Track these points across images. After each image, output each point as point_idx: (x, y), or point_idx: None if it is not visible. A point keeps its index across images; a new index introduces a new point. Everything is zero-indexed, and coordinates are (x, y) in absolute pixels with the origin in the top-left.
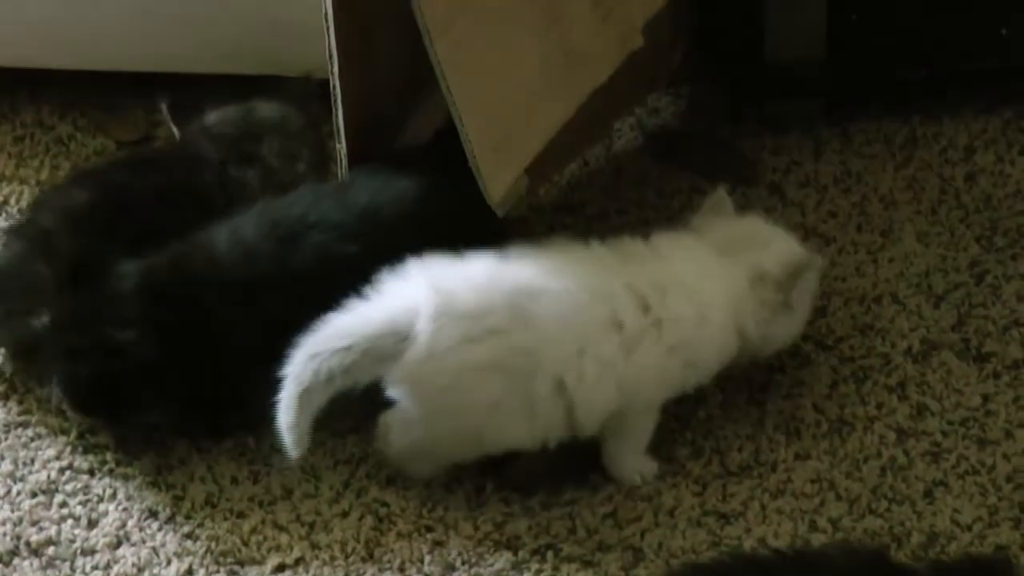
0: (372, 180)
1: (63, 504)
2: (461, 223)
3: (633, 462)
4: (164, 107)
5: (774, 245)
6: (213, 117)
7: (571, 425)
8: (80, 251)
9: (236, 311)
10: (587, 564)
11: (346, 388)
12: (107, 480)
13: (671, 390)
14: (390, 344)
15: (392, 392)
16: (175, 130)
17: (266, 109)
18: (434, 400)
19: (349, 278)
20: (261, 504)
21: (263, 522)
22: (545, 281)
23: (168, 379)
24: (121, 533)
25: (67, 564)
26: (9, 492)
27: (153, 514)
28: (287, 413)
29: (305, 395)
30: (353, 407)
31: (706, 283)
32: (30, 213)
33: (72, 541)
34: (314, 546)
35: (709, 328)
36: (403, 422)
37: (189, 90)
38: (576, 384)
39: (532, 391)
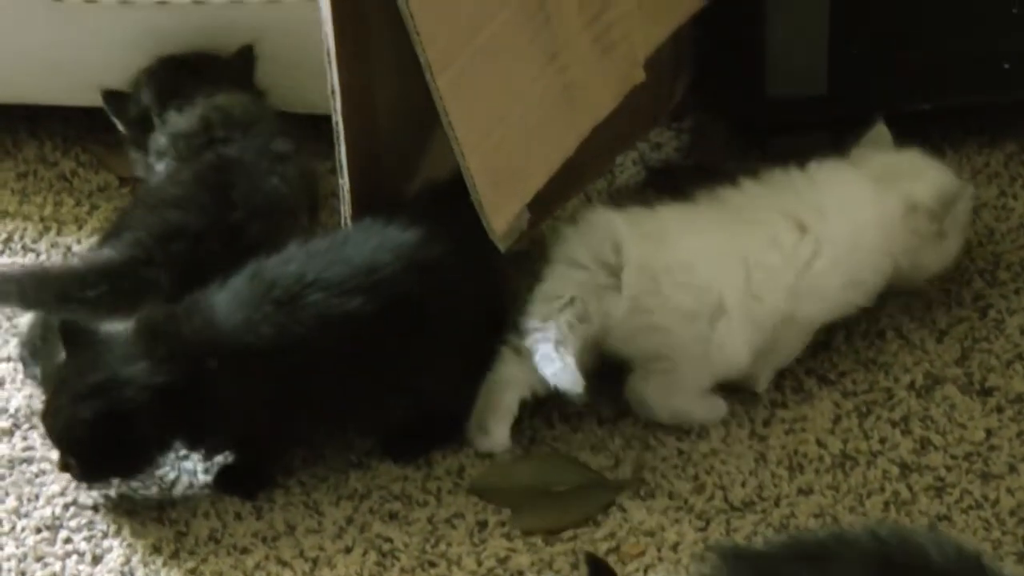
0: (368, 235)
1: (67, 540)
2: (462, 264)
3: (767, 377)
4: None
5: (927, 176)
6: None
7: (758, 331)
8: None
9: (237, 378)
10: None
11: (591, 334)
12: (111, 516)
13: (831, 311)
14: (606, 277)
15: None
16: (118, 124)
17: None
18: (652, 319)
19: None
20: (264, 540)
21: (266, 558)
22: (708, 215)
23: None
24: (126, 569)
25: None
26: (14, 528)
27: (157, 550)
28: (550, 365)
29: (560, 346)
30: (354, 443)
31: (859, 207)
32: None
33: None
34: None
35: (863, 250)
36: (650, 380)
37: None
38: (740, 303)
39: (714, 305)
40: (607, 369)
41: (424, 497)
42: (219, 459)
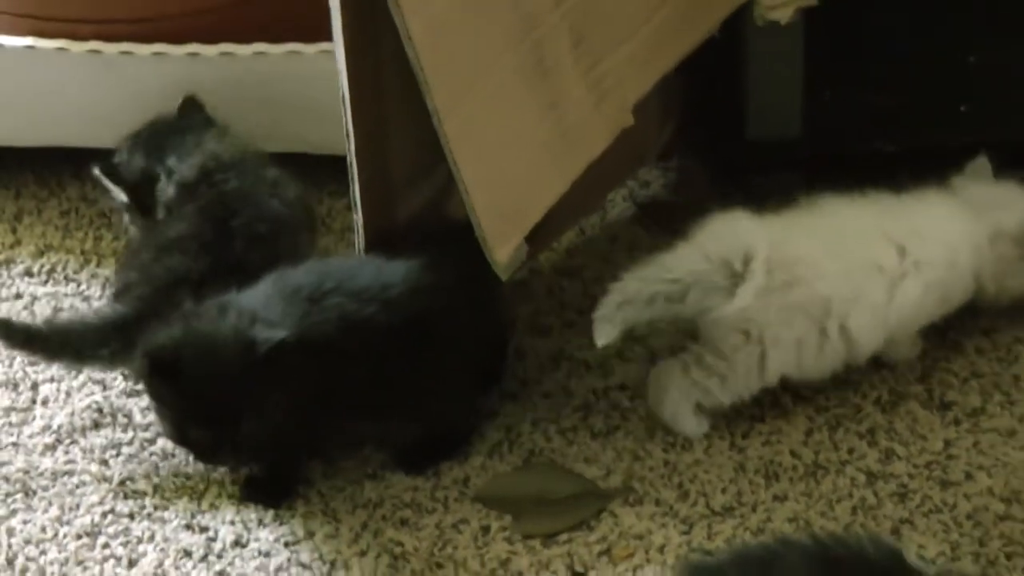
0: (382, 259)
1: (105, 545)
2: (467, 291)
3: (913, 347)
4: (96, 171)
5: (1017, 206)
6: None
7: (849, 358)
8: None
9: (272, 370)
10: None
11: (664, 316)
12: (146, 523)
13: (926, 321)
14: (722, 279)
15: (716, 328)
16: (114, 189)
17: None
18: (757, 331)
19: (367, 338)
20: (286, 544)
21: (288, 560)
22: (831, 235)
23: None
24: (159, 572)
25: None
26: (56, 535)
27: (188, 554)
28: (603, 309)
29: (624, 304)
30: (369, 456)
31: (952, 231)
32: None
33: None
34: None
35: (956, 269)
36: (696, 372)
37: None
38: (856, 327)
39: (824, 331)
40: (600, 388)
41: (432, 505)
42: (244, 471)
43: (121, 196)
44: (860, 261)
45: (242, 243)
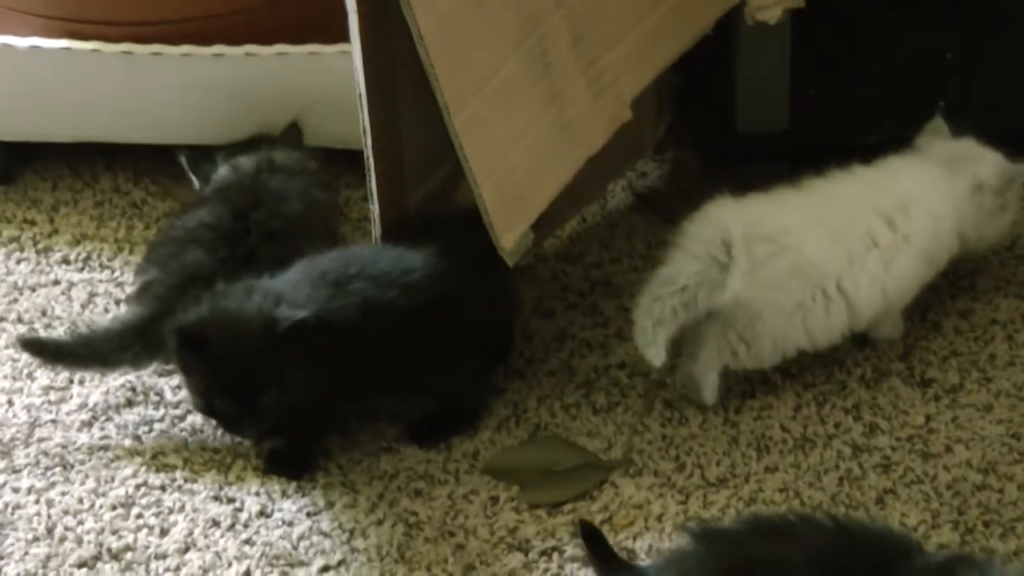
0: (399, 248)
1: (139, 516)
2: (477, 275)
3: (896, 327)
4: (182, 159)
5: (987, 158)
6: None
7: (852, 322)
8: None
9: (299, 347)
10: (588, 564)
11: (692, 318)
12: (176, 495)
13: (920, 284)
14: (716, 273)
15: (722, 312)
16: (194, 179)
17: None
18: (756, 304)
19: (387, 322)
20: (308, 514)
21: (310, 529)
22: (814, 207)
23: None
24: (189, 540)
25: (143, 567)
26: (93, 506)
27: (216, 523)
28: (643, 336)
29: (657, 325)
30: (385, 431)
31: (936, 197)
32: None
33: (147, 547)
34: (354, 550)
35: (941, 234)
36: (720, 341)
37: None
38: (852, 288)
39: (823, 293)
40: (601, 366)
41: (444, 477)
42: (269, 445)
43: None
44: (850, 229)
45: (257, 237)
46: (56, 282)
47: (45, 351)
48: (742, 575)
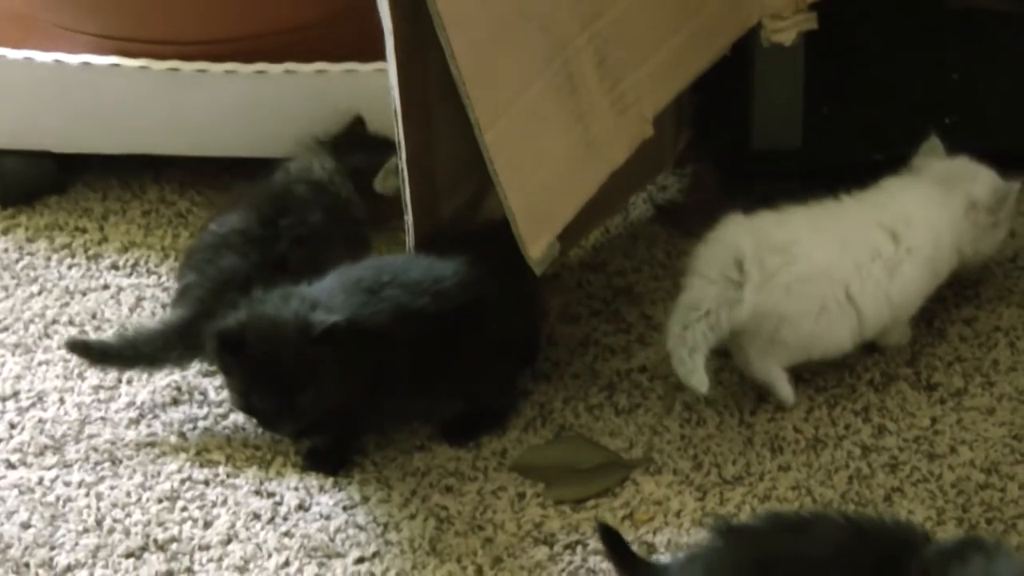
0: (432, 256)
1: (183, 509)
2: (506, 283)
3: (904, 335)
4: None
5: (981, 177)
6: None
7: (861, 329)
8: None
9: (335, 352)
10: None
11: (721, 337)
12: (219, 489)
13: (924, 295)
14: (732, 292)
15: (747, 324)
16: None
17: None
18: (776, 313)
19: (420, 327)
20: (344, 508)
21: (346, 523)
22: (821, 220)
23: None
24: (231, 532)
25: (187, 557)
26: (140, 499)
27: (257, 516)
28: (683, 366)
29: (694, 353)
30: (418, 430)
31: (935, 212)
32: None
33: (191, 539)
34: (388, 542)
35: (941, 247)
36: (756, 346)
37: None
38: (860, 294)
39: (835, 299)
40: (624, 370)
41: (474, 473)
42: (307, 442)
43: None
44: (856, 241)
45: (287, 243)
46: (106, 287)
47: (91, 353)
48: (762, 570)
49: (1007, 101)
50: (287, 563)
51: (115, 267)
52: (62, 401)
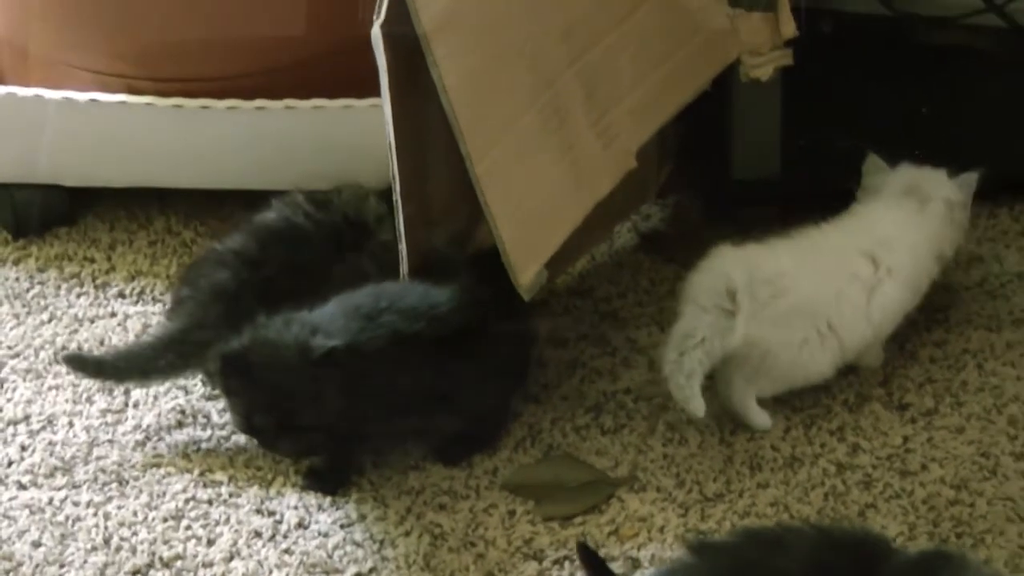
0: (427, 283)
1: (188, 527)
2: (497, 309)
3: (878, 357)
4: None
5: (940, 177)
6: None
7: (843, 355)
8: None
9: (334, 375)
10: None
11: (714, 361)
12: (222, 508)
13: (904, 312)
14: (724, 320)
15: (735, 350)
16: None
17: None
18: (766, 342)
19: (415, 351)
20: (342, 526)
21: (344, 540)
22: (806, 252)
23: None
24: (233, 549)
25: (191, 574)
26: (146, 518)
27: (258, 534)
28: (681, 392)
29: (691, 379)
30: (412, 450)
31: (913, 232)
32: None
33: (195, 556)
34: (384, 558)
35: (921, 261)
36: (742, 374)
37: None
38: (839, 322)
39: (817, 329)
40: (609, 391)
41: (466, 492)
42: (307, 463)
43: None
44: (837, 270)
45: (274, 268)
46: (113, 314)
47: (87, 366)
48: None
49: (974, 134)
50: None
51: (122, 295)
52: (71, 424)
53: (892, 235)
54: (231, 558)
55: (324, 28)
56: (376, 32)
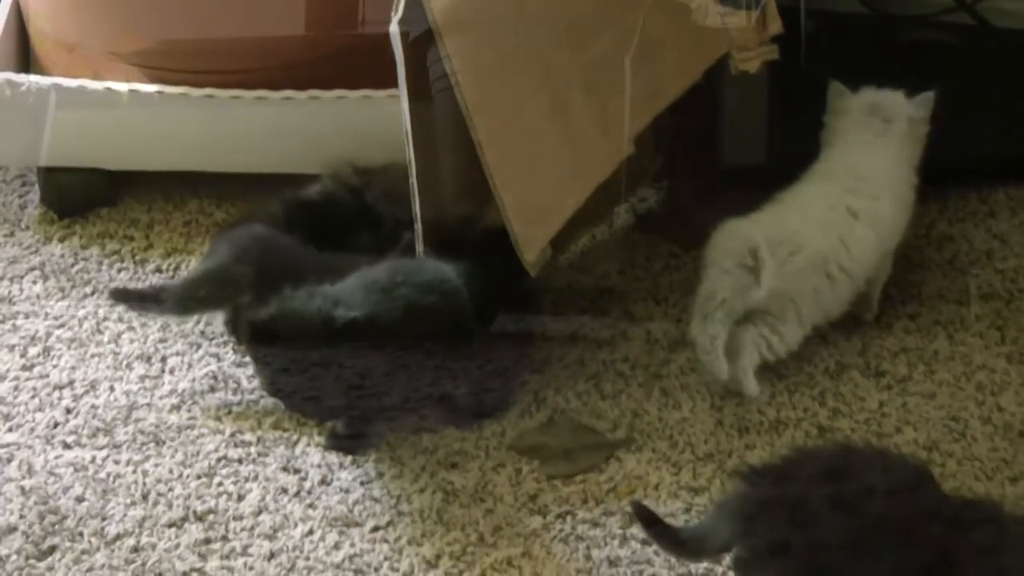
0: (439, 260)
1: (220, 484)
2: (506, 283)
3: (886, 271)
4: None
5: (898, 96)
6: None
7: (857, 285)
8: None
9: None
10: (596, 525)
11: (735, 318)
12: (251, 466)
13: (903, 225)
14: (746, 278)
15: (760, 304)
16: None
17: None
18: (786, 293)
19: (429, 323)
20: (362, 483)
21: (363, 496)
22: (805, 208)
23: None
24: (261, 504)
25: (223, 527)
26: (181, 475)
27: (284, 491)
28: (707, 355)
29: (715, 340)
30: (427, 413)
31: (880, 154)
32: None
33: (226, 510)
34: (400, 513)
35: (901, 178)
36: (759, 332)
37: None
38: (849, 263)
39: (831, 274)
40: (608, 360)
41: (476, 452)
42: (329, 425)
43: None
44: (836, 218)
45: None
46: None
47: (130, 298)
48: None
49: (954, 128)
50: (311, 532)
51: (159, 271)
52: (112, 389)
53: (868, 164)
54: (259, 512)
55: (345, 25)
56: (394, 28)
